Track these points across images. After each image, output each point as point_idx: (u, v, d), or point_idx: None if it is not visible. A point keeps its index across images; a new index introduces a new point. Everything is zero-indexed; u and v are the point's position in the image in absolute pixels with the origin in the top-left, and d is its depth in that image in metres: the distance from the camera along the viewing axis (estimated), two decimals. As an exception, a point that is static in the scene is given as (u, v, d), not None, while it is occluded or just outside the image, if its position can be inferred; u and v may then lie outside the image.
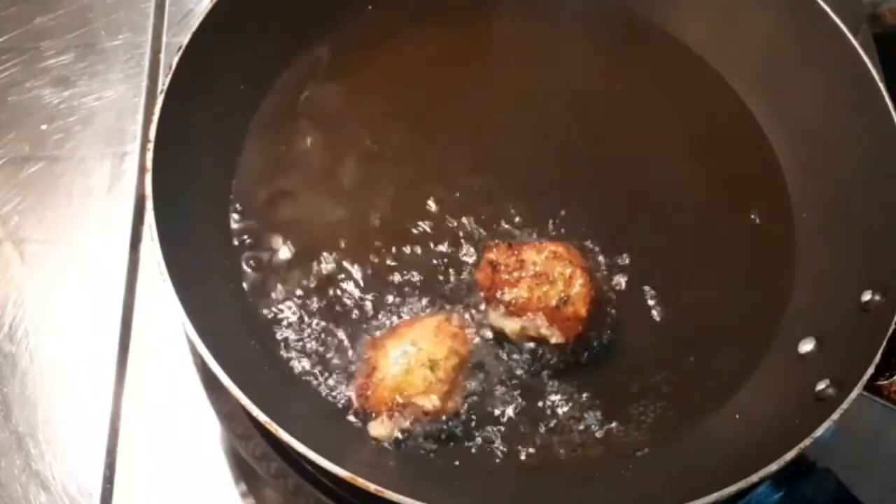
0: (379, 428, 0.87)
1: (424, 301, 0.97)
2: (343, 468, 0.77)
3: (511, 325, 0.92)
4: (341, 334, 0.94)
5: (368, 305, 0.96)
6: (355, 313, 0.96)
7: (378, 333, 0.94)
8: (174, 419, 1.01)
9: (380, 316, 0.96)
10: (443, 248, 1.00)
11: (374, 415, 0.88)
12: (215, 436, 1.00)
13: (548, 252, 0.93)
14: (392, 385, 0.87)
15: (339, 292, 0.97)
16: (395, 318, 0.96)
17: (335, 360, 0.93)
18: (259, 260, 0.98)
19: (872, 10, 1.34)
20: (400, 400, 0.86)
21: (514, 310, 0.92)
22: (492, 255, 0.94)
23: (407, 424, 0.87)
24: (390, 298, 0.97)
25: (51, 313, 1.06)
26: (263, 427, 0.79)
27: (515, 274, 0.92)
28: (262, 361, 0.92)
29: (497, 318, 0.93)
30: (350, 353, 0.93)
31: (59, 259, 1.09)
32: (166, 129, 0.92)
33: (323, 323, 0.95)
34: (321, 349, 0.93)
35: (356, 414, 0.90)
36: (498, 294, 0.92)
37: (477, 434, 0.90)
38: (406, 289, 0.97)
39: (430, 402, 0.86)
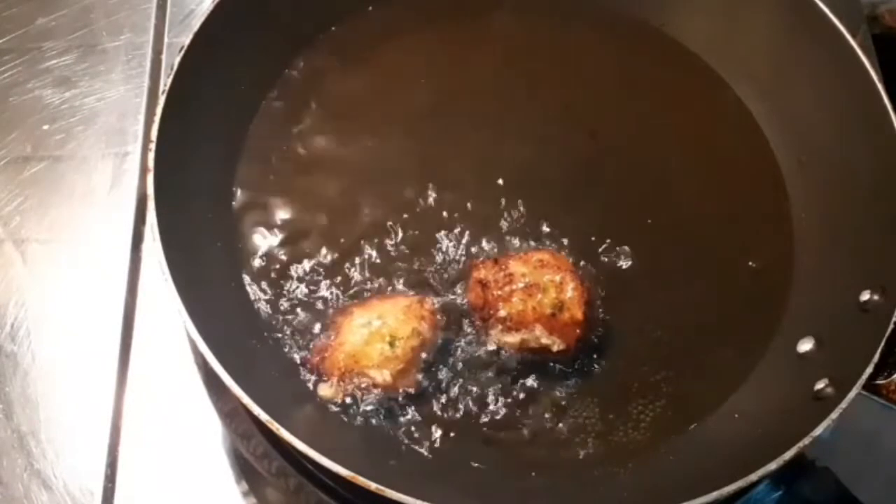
0: (327, 389, 0.89)
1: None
2: (344, 467, 0.77)
3: (511, 340, 0.92)
4: (342, 333, 0.94)
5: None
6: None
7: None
8: (176, 418, 1.01)
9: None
10: (441, 246, 1.00)
11: (326, 376, 0.90)
12: (216, 435, 1.01)
13: (534, 261, 0.93)
14: (349, 352, 0.89)
15: (341, 291, 0.97)
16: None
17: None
18: (261, 259, 0.99)
19: (871, 11, 1.34)
20: (353, 367, 0.88)
21: (511, 325, 0.91)
22: (480, 274, 0.93)
23: (355, 391, 0.89)
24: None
25: (53, 313, 1.06)
26: (264, 426, 0.79)
27: (507, 289, 0.91)
28: (263, 360, 0.92)
29: (496, 335, 0.92)
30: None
31: (61, 259, 1.09)
32: (168, 129, 0.93)
33: (326, 322, 0.95)
34: (323, 348, 0.93)
35: (308, 371, 0.91)
36: (492, 311, 0.91)
37: (476, 434, 0.91)
38: (408, 286, 0.97)
39: (381, 375, 0.88)
